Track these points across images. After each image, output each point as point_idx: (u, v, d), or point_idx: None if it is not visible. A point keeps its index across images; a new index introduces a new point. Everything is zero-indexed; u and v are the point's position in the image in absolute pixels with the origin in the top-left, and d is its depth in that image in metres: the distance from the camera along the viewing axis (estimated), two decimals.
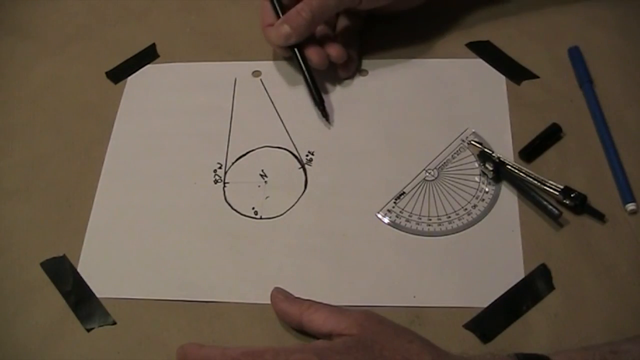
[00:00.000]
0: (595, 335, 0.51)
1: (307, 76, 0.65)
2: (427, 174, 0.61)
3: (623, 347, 0.47)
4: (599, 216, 0.56)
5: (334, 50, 0.64)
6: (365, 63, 0.68)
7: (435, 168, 0.61)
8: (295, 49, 0.64)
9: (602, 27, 0.68)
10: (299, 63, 0.65)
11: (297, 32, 0.62)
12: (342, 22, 0.69)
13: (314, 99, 0.65)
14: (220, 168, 0.63)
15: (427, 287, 0.55)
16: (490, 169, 0.59)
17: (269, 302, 0.54)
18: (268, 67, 0.69)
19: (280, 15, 0.64)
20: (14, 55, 0.74)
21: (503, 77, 0.66)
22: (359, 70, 0.68)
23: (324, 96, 0.65)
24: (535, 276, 0.54)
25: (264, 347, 0.48)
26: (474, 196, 0.59)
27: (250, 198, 0.61)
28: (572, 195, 0.56)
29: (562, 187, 0.57)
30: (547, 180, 0.58)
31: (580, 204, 0.56)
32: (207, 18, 0.74)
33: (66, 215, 0.61)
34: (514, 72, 0.66)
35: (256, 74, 0.69)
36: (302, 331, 0.52)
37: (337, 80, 0.67)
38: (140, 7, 0.76)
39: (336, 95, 0.66)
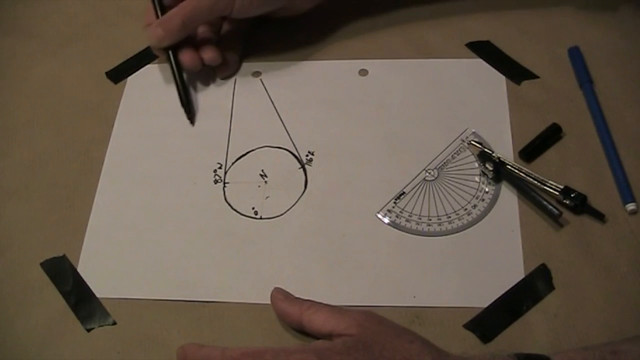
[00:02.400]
0: (595, 335, 0.51)
1: (177, 78, 0.66)
2: (427, 174, 0.61)
3: (623, 347, 0.47)
4: (599, 216, 0.56)
5: (208, 54, 0.66)
6: (365, 63, 0.68)
7: (435, 168, 0.61)
8: (170, 52, 0.66)
9: (602, 27, 0.68)
10: (171, 65, 0.66)
11: (170, 35, 0.64)
12: (226, 26, 0.70)
13: (180, 99, 0.66)
14: (220, 168, 0.63)
15: (427, 287, 0.55)
16: (490, 169, 0.59)
17: (269, 302, 0.54)
18: (268, 67, 0.69)
19: (159, 16, 0.66)
20: (14, 55, 0.74)
21: (503, 77, 0.66)
22: (248, 72, 0.69)
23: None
24: (535, 276, 0.54)
25: (264, 348, 0.48)
26: (474, 196, 0.59)
27: (250, 198, 0.61)
28: (572, 195, 0.56)
29: (562, 187, 0.57)
30: (547, 180, 0.58)
31: (580, 204, 0.56)
32: None
33: (66, 215, 0.61)
34: (514, 72, 0.66)
35: (256, 74, 0.69)
36: (302, 331, 0.52)
37: (337, 80, 0.67)
38: (140, 7, 0.76)
39: (336, 95, 0.66)
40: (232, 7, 0.64)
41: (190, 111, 0.66)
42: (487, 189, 0.59)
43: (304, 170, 0.62)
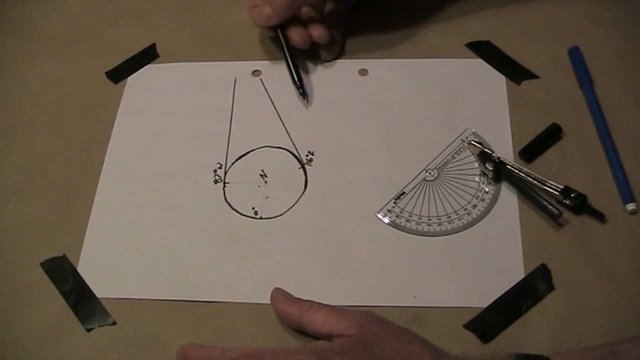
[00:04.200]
0: (595, 335, 0.51)
1: (288, 56, 0.67)
2: (427, 174, 0.61)
3: (623, 348, 0.47)
4: (599, 216, 0.56)
5: (317, 31, 0.66)
6: (365, 63, 0.68)
7: (435, 168, 0.61)
8: (278, 30, 0.66)
9: (602, 27, 0.68)
10: (281, 43, 0.66)
11: (278, 13, 0.64)
12: (329, 6, 0.70)
13: (292, 78, 0.66)
14: (220, 168, 0.63)
15: (427, 287, 0.55)
16: (490, 169, 0.59)
17: (269, 302, 0.54)
18: (268, 67, 0.69)
19: None
20: (14, 55, 0.74)
21: (503, 77, 0.66)
22: (343, 56, 0.69)
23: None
24: (535, 276, 0.54)
25: (264, 348, 0.48)
26: (474, 196, 0.59)
27: (250, 198, 0.61)
28: (572, 195, 0.56)
29: (562, 187, 0.57)
30: (547, 180, 0.58)
31: (580, 204, 0.56)
32: (207, 18, 0.74)
33: (66, 215, 0.61)
34: (514, 72, 0.66)
35: (256, 73, 0.69)
36: (302, 332, 0.52)
37: (337, 80, 0.67)
38: (140, 7, 0.76)
39: (336, 95, 0.66)
40: None
41: (303, 89, 0.66)
42: (487, 189, 0.59)
43: (304, 170, 0.62)
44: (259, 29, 0.68)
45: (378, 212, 0.59)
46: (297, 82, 0.66)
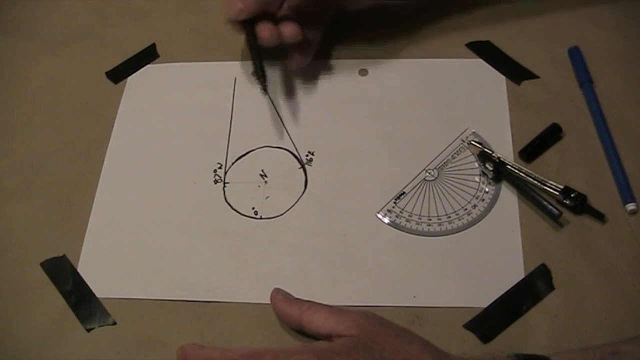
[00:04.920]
0: (595, 335, 0.51)
1: (253, 51, 0.64)
2: (427, 174, 0.61)
3: (623, 348, 0.47)
4: (599, 216, 0.56)
5: (288, 28, 0.63)
6: (365, 63, 0.68)
7: (435, 168, 0.61)
8: (248, 25, 0.64)
9: (602, 27, 0.68)
10: (248, 37, 0.64)
11: (248, 7, 0.62)
12: (309, 12, 0.67)
13: (256, 72, 0.64)
14: (220, 168, 0.63)
15: (427, 287, 0.55)
16: (490, 169, 0.59)
17: (269, 302, 0.54)
18: (268, 67, 0.69)
19: None
20: (14, 55, 0.74)
21: (503, 77, 0.66)
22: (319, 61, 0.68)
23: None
24: (535, 276, 0.54)
25: (264, 348, 0.48)
26: (474, 196, 0.59)
27: (250, 198, 0.61)
28: (572, 195, 0.56)
29: (562, 187, 0.57)
30: (547, 180, 0.58)
31: (580, 204, 0.56)
32: (207, 18, 0.74)
33: (66, 215, 0.61)
34: (514, 72, 0.66)
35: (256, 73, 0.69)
36: (302, 332, 0.52)
37: (337, 80, 0.67)
38: (140, 7, 0.76)
39: (336, 95, 0.66)
40: None
41: (264, 84, 0.64)
42: (487, 189, 0.59)
43: (304, 170, 0.62)
44: (229, 24, 0.65)
45: (378, 212, 0.59)
46: (260, 77, 0.64)
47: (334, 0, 0.67)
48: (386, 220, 0.58)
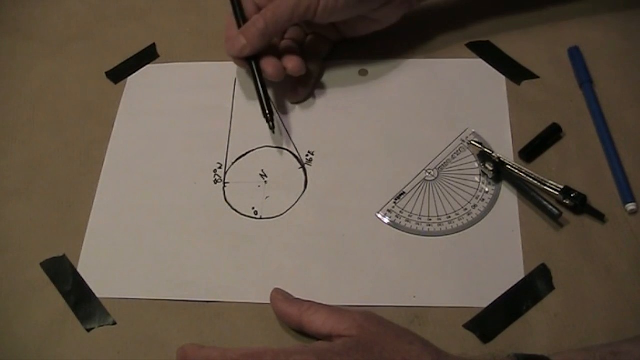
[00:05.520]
0: (595, 335, 0.51)
1: (259, 88, 0.64)
2: (427, 174, 0.61)
3: (623, 348, 0.47)
4: (599, 216, 0.56)
5: (291, 63, 0.63)
6: (365, 63, 0.68)
7: (435, 168, 0.61)
8: (253, 61, 0.64)
9: (602, 27, 0.68)
10: (253, 74, 0.64)
11: (251, 43, 0.62)
12: (310, 39, 0.68)
13: (263, 110, 0.63)
14: (220, 168, 0.63)
15: (427, 287, 0.55)
16: (490, 169, 0.59)
17: (269, 302, 0.54)
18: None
19: (241, 26, 0.64)
20: (14, 55, 0.74)
21: (503, 77, 0.66)
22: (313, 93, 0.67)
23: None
24: (535, 276, 0.54)
25: (264, 349, 0.48)
26: (474, 196, 0.59)
27: (250, 198, 0.61)
28: (572, 195, 0.56)
29: (562, 187, 0.57)
30: (547, 180, 0.58)
31: (580, 204, 0.56)
32: (207, 18, 0.74)
33: (66, 215, 0.61)
34: (514, 72, 0.66)
35: None
36: (302, 332, 0.52)
37: (337, 80, 0.67)
38: (140, 7, 0.76)
39: (336, 95, 0.66)
40: (316, 9, 0.61)
41: (272, 122, 0.63)
42: (487, 189, 0.59)
43: (304, 170, 0.62)
44: (233, 61, 0.65)
45: (378, 212, 0.59)
46: (268, 115, 0.63)
47: (333, 30, 0.68)
48: (386, 220, 0.58)
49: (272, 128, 0.63)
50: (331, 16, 0.63)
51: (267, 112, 0.63)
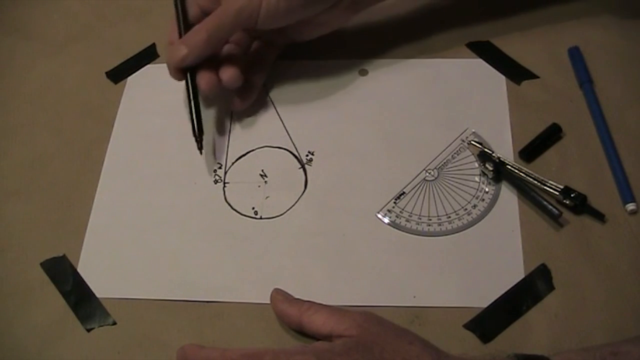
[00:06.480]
0: (595, 335, 0.51)
1: (191, 104, 0.62)
2: (427, 174, 0.61)
3: (623, 348, 0.47)
4: (599, 216, 0.56)
5: (227, 74, 0.61)
6: (365, 63, 0.68)
7: (435, 168, 0.61)
8: (188, 74, 0.62)
9: (602, 27, 0.68)
10: (187, 87, 0.62)
11: (193, 52, 0.60)
12: (256, 45, 0.67)
13: (192, 129, 0.61)
14: (220, 168, 0.63)
15: (427, 287, 0.55)
16: (490, 169, 0.59)
17: (269, 302, 0.54)
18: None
19: (182, 35, 0.63)
20: (14, 55, 0.74)
21: (503, 77, 0.66)
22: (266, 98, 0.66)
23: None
24: (535, 276, 0.54)
25: (264, 349, 0.48)
26: (474, 196, 0.59)
27: (250, 198, 0.61)
28: (572, 195, 0.56)
29: (562, 187, 0.57)
30: (547, 180, 0.58)
31: (580, 204, 0.56)
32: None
33: (66, 215, 0.61)
34: (514, 72, 0.66)
35: None
36: (302, 332, 0.52)
37: (337, 80, 0.67)
38: (140, 7, 0.76)
39: (336, 95, 0.66)
40: (257, 17, 0.59)
41: (200, 142, 0.61)
42: (487, 189, 0.59)
43: (304, 170, 0.62)
44: (169, 71, 0.62)
45: (378, 212, 0.59)
46: (196, 136, 0.61)
47: (280, 34, 0.66)
48: (386, 220, 0.58)
49: (200, 148, 0.61)
50: (274, 22, 0.61)
51: (197, 132, 0.61)
